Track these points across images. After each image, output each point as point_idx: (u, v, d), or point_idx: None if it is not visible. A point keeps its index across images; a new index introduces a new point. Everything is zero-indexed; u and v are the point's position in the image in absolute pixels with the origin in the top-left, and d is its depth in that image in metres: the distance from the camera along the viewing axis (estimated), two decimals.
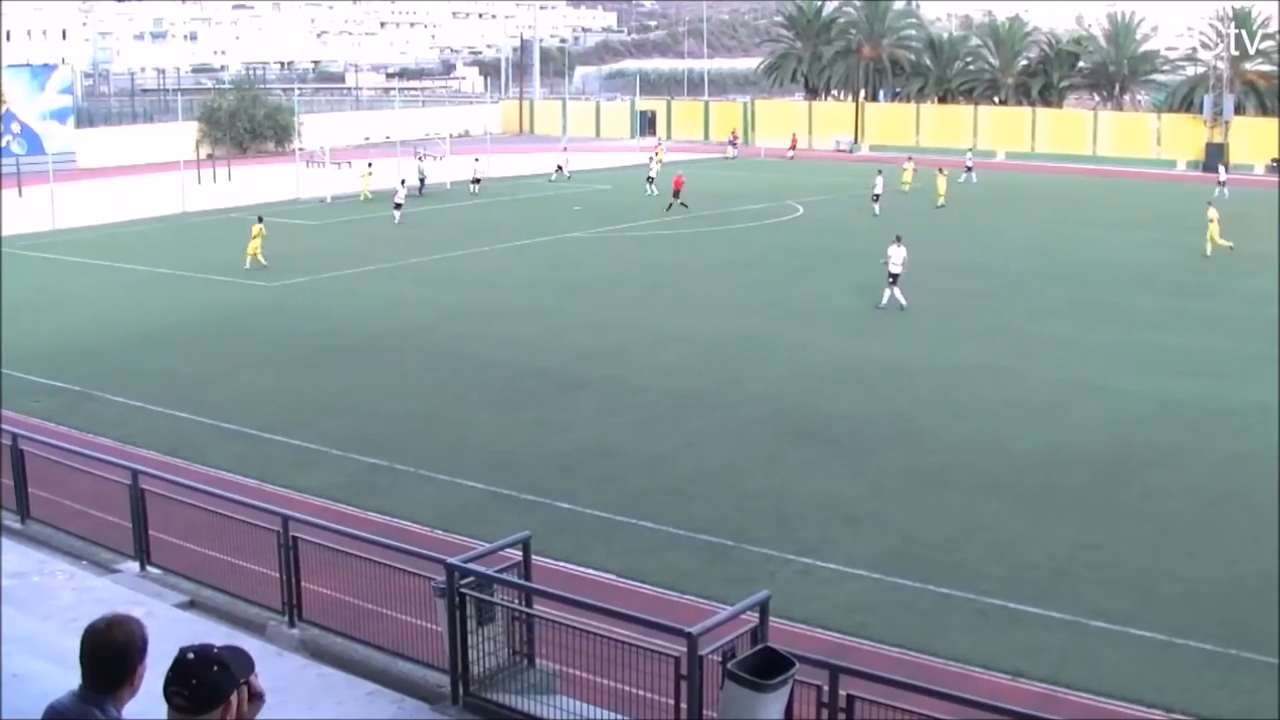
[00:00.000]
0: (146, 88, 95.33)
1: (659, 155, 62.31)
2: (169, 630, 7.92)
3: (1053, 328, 27.29)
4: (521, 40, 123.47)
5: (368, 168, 53.47)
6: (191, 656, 3.66)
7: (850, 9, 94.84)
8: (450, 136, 67.69)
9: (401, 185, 46.88)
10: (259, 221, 35.60)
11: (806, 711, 7.64)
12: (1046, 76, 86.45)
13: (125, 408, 20.94)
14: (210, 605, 10.70)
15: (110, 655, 3.95)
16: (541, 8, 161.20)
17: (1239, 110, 71.43)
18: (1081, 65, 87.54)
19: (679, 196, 47.31)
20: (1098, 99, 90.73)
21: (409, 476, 17.52)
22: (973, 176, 59.28)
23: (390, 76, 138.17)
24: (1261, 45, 73.30)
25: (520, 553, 9.32)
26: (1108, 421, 20.23)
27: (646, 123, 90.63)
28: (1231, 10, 73.38)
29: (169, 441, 18.87)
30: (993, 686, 11.11)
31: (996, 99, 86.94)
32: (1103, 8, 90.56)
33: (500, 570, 9.07)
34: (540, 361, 24.14)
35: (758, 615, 8.01)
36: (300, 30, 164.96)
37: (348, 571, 9.96)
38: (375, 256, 36.98)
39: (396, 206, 44.78)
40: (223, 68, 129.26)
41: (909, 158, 59.44)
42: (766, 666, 7.37)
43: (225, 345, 25.81)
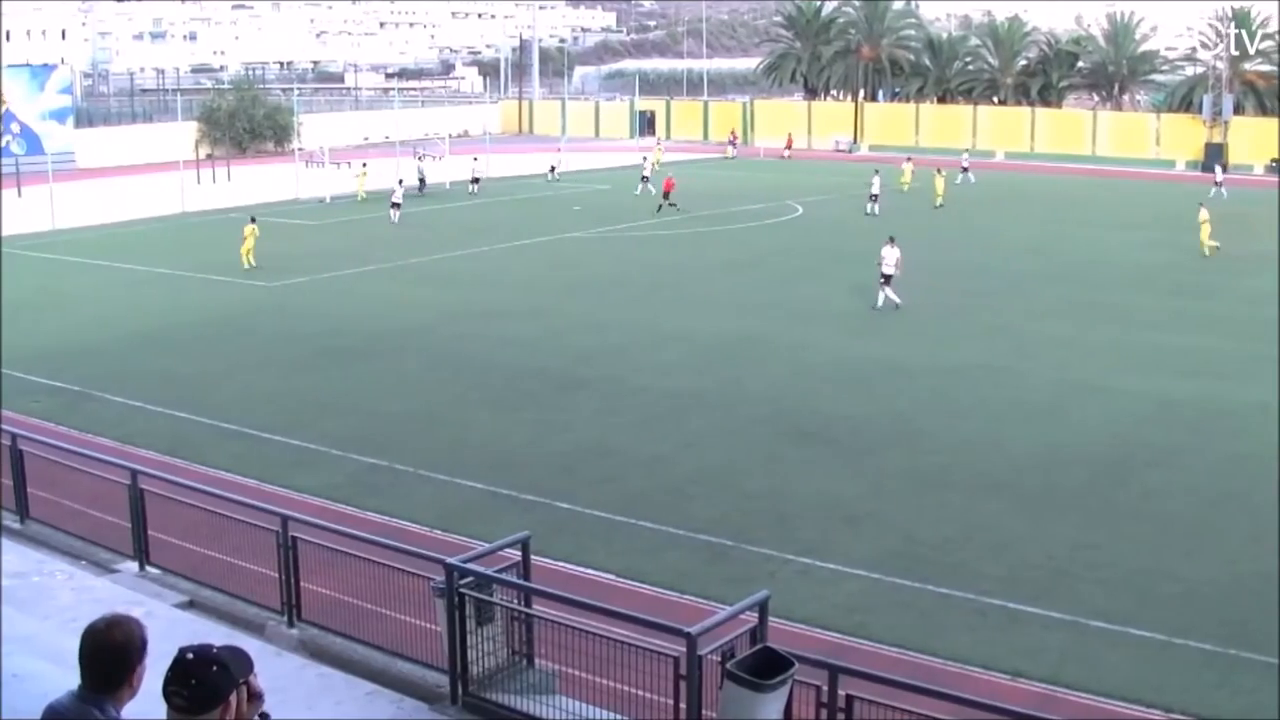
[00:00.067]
0: (146, 88, 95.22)
1: (656, 156, 62.25)
2: (168, 630, 7.93)
3: (1052, 328, 27.29)
4: (521, 40, 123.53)
5: (362, 168, 53.48)
6: (191, 656, 3.67)
7: (849, 9, 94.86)
8: (449, 136, 67.68)
9: (399, 185, 46.89)
10: (251, 222, 35.62)
11: (806, 711, 7.64)
12: (1046, 76, 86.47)
13: (124, 408, 20.94)
14: (209, 605, 10.70)
15: (110, 655, 3.95)
16: (541, 8, 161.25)
17: (1238, 110, 71.44)
18: (1081, 65, 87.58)
19: (669, 198, 47.37)
20: (1097, 99, 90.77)
21: (408, 476, 17.52)
22: (970, 176, 59.18)
23: (389, 76, 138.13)
24: (1261, 45, 73.30)
25: (519, 553, 9.31)
26: (1107, 421, 20.23)
27: (646, 123, 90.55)
28: (1231, 10, 73.38)
29: (168, 441, 18.87)
30: (992, 686, 11.11)
31: (996, 99, 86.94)
32: (1102, 8, 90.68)
33: (499, 570, 9.07)
34: (540, 361, 24.14)
35: (757, 615, 8.01)
36: (300, 30, 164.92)
37: (347, 571, 9.96)
38: (375, 256, 36.98)
39: (394, 206, 44.79)
40: (222, 68, 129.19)
41: (908, 158, 59.39)
42: (766, 666, 7.37)
43: (225, 345, 25.81)
